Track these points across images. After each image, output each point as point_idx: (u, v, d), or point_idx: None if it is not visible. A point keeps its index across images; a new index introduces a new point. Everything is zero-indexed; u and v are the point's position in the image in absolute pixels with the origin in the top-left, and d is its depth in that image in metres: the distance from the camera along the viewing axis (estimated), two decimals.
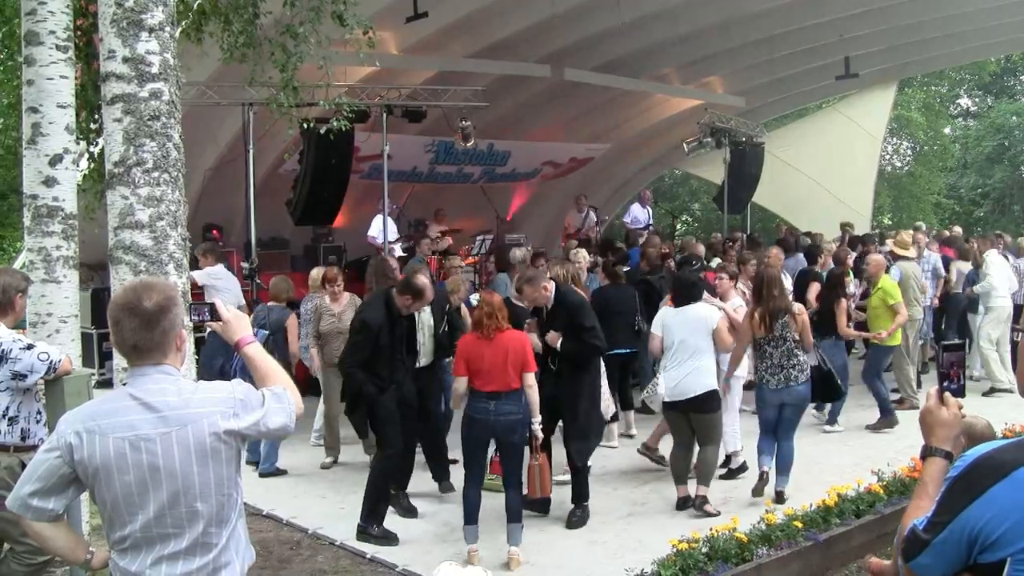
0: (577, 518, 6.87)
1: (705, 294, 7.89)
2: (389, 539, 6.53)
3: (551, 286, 6.95)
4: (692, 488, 7.15)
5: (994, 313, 11.25)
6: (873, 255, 10.07)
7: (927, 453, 2.50)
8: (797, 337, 7.19)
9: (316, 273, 9.28)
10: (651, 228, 17.22)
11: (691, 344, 7.11)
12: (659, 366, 7.47)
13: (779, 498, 7.16)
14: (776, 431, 7.31)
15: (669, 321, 7.31)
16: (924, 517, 2.29)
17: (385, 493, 6.74)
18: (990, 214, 30.46)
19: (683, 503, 7.16)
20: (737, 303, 8.26)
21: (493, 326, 6.12)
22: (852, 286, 10.44)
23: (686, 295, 7.37)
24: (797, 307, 7.40)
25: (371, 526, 6.56)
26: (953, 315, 12.42)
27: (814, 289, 10.44)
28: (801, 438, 8.03)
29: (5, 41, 8.07)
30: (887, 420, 9.44)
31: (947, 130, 32.78)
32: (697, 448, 7.25)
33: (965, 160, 32.17)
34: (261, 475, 8.10)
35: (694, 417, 7.14)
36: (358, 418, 6.82)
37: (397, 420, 6.74)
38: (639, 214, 17.47)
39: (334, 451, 8.58)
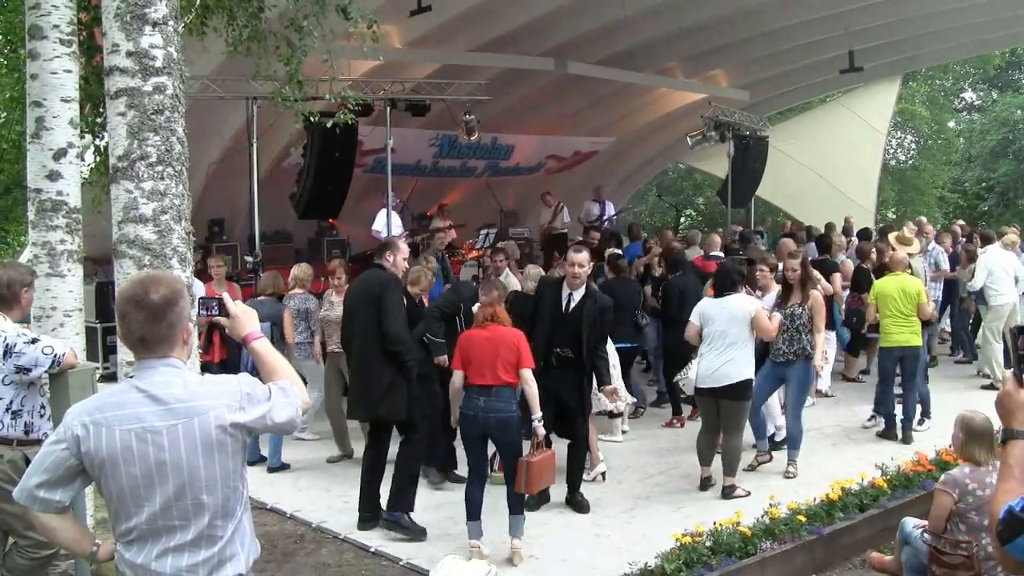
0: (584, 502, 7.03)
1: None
2: (419, 533, 6.48)
3: (582, 274, 7.03)
4: (710, 475, 7.47)
5: (995, 311, 11.11)
6: (896, 253, 9.49)
7: (1009, 436, 2.47)
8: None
9: (297, 272, 9.15)
10: (609, 222, 17.20)
11: (730, 334, 7.27)
12: (694, 353, 7.63)
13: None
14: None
15: (709, 311, 7.46)
16: (1021, 498, 2.26)
17: (415, 478, 6.75)
18: (995, 208, 30.38)
19: (705, 483, 7.42)
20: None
21: (490, 314, 6.20)
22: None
23: (726, 285, 7.49)
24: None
25: (403, 516, 6.50)
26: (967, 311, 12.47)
27: (837, 279, 10.51)
28: (805, 432, 8.08)
29: (8, 35, 8.07)
30: (888, 432, 8.91)
31: (951, 124, 32.70)
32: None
33: (969, 154, 32.12)
34: (270, 470, 8.13)
35: (723, 404, 7.33)
36: (395, 403, 6.58)
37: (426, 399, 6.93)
38: (592, 208, 17.52)
39: (343, 445, 8.56)
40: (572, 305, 7.00)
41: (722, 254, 11.71)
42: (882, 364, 9.06)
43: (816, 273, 8.49)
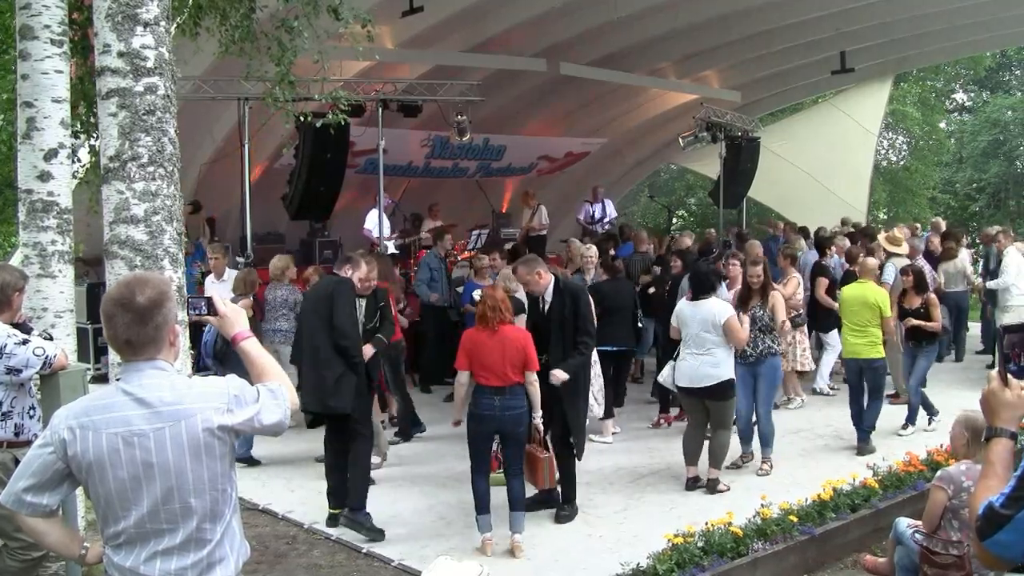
0: (567, 513, 6.90)
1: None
2: (378, 534, 6.56)
3: (548, 277, 6.94)
4: (696, 474, 7.55)
5: (1013, 312, 11.11)
6: (869, 258, 9.45)
7: (992, 434, 2.49)
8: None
9: (277, 262, 9.45)
10: (611, 224, 17.15)
11: (703, 338, 7.41)
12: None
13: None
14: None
15: (685, 314, 7.61)
16: (1001, 494, 2.28)
17: (368, 472, 6.92)
18: (985, 209, 30.48)
19: (692, 483, 7.49)
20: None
21: (496, 319, 6.17)
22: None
23: (700, 288, 7.61)
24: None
25: (366, 515, 6.62)
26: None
27: (822, 284, 10.56)
28: (796, 432, 8.11)
29: (0, 35, 8.05)
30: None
31: (942, 125, 32.78)
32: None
33: (960, 155, 32.20)
34: (237, 460, 8.11)
35: (709, 403, 7.48)
36: (344, 396, 6.75)
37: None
38: (589, 210, 17.45)
39: None
40: (547, 306, 6.96)
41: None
42: (847, 375, 9.00)
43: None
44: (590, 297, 7.22)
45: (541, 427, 6.39)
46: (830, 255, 11.74)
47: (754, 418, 8.39)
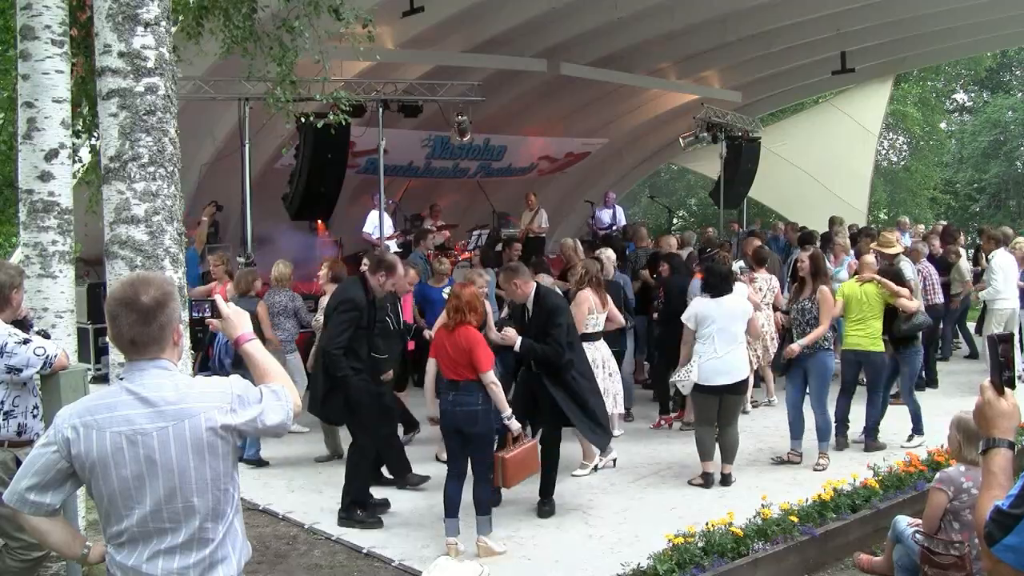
0: (548, 508, 6.96)
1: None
2: (375, 523, 6.74)
3: (528, 286, 6.94)
4: (713, 470, 7.65)
5: (995, 316, 11.09)
6: (867, 256, 9.19)
7: (990, 445, 2.44)
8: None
9: (282, 269, 9.32)
10: (615, 230, 17.12)
11: (730, 332, 7.52)
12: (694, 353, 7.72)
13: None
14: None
15: (707, 311, 7.62)
16: (1008, 496, 2.24)
17: (360, 475, 6.94)
18: (986, 209, 30.50)
19: (708, 479, 7.57)
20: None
21: (458, 319, 6.18)
22: None
23: (721, 286, 7.68)
24: None
25: (354, 512, 6.78)
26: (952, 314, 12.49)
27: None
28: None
29: (1, 35, 8.06)
30: (837, 439, 8.63)
31: (943, 125, 32.81)
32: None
33: (961, 155, 32.23)
34: (243, 461, 8.13)
35: (726, 398, 7.57)
36: (333, 408, 6.92)
37: (372, 405, 6.98)
38: (603, 215, 17.43)
39: (333, 446, 8.56)
40: (529, 316, 6.99)
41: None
42: (842, 369, 8.93)
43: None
44: (567, 314, 7.05)
45: (513, 426, 6.31)
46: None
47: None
